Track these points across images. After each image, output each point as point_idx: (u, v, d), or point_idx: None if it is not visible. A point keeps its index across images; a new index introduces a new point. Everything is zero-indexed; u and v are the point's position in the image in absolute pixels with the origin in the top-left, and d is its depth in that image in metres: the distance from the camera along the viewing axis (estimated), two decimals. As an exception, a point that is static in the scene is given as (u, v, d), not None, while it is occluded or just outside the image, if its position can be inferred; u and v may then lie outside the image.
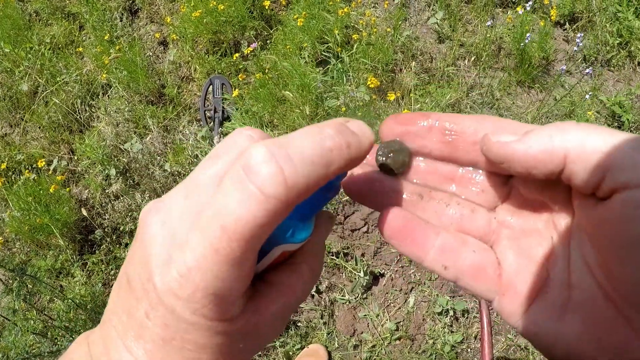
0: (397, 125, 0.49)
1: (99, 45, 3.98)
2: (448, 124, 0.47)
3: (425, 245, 0.46)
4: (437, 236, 0.46)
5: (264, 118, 3.42)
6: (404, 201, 0.49)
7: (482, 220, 0.48)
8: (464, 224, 0.48)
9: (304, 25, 3.46)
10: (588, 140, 0.39)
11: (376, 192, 0.49)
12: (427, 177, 0.50)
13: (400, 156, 0.49)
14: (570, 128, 0.40)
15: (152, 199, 2.47)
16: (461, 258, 0.46)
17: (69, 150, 3.78)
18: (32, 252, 3.44)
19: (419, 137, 0.49)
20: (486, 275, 0.45)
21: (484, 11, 4.10)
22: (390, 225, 0.46)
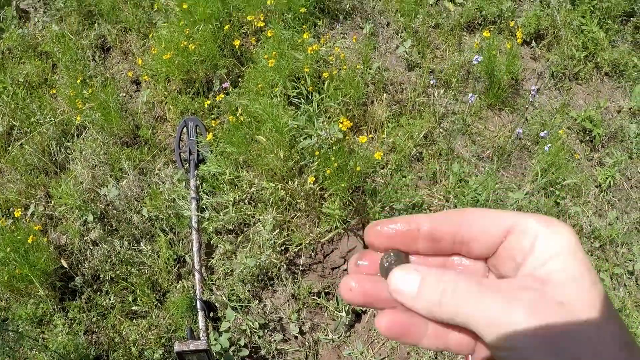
0: (382, 237, 0.59)
1: (72, 88, 3.96)
2: (428, 230, 0.57)
3: (417, 336, 0.56)
4: (427, 327, 0.56)
5: (239, 160, 3.44)
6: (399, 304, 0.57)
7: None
8: None
9: (275, 64, 3.47)
10: (455, 316, 0.51)
11: (378, 300, 0.58)
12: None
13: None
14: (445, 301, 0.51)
15: (131, 245, 2.51)
16: (448, 339, 0.56)
17: (46, 193, 3.77)
18: (11, 300, 3.43)
19: (409, 244, 0.58)
20: (467, 346, 0.57)
21: (451, 35, 4.14)
22: (387, 326, 0.56)
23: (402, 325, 0.56)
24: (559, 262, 0.50)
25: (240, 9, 4.08)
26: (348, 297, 0.58)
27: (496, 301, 0.48)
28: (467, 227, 0.55)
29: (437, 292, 0.52)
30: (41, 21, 4.66)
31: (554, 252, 0.50)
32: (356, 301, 0.58)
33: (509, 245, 0.54)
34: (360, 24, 4.19)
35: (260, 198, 3.35)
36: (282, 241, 3.27)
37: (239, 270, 3.18)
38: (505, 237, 0.54)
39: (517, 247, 0.53)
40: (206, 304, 3.16)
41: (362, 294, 0.57)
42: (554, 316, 0.46)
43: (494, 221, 0.55)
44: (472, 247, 0.56)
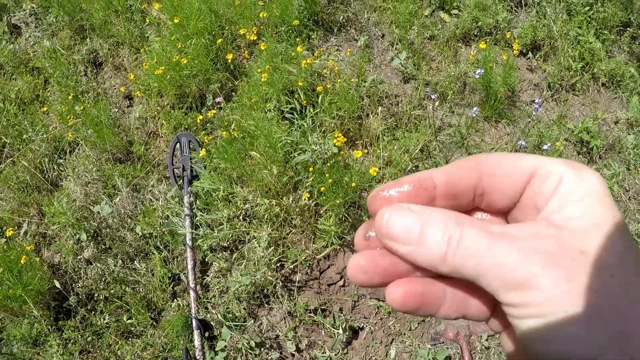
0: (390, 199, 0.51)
1: (64, 104, 3.93)
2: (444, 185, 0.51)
3: (435, 306, 0.51)
4: (445, 295, 0.51)
5: (233, 176, 3.40)
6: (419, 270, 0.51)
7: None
8: None
9: (268, 78, 3.44)
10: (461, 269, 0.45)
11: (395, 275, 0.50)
12: None
13: None
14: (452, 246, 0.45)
15: (125, 263, 2.47)
16: (467, 306, 0.52)
17: (39, 211, 3.73)
18: (6, 320, 3.38)
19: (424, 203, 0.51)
20: (485, 313, 0.53)
21: (447, 47, 4.11)
22: (402, 299, 0.49)
23: (420, 296, 0.50)
24: (582, 207, 0.45)
25: (233, 21, 4.05)
26: (361, 280, 0.50)
27: (509, 252, 0.43)
28: (488, 176, 0.50)
29: (442, 242, 0.45)
30: (33, 36, 4.63)
31: (577, 197, 0.45)
32: (372, 283, 0.50)
33: (532, 190, 0.49)
34: (355, 35, 4.16)
35: (254, 214, 3.31)
36: (278, 258, 3.23)
37: (234, 288, 3.14)
38: (529, 183, 0.49)
39: (539, 192, 0.48)
40: (202, 322, 3.12)
41: (379, 273, 0.50)
42: (576, 267, 0.42)
43: (516, 165, 0.50)
44: (494, 199, 0.51)
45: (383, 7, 4.30)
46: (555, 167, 0.47)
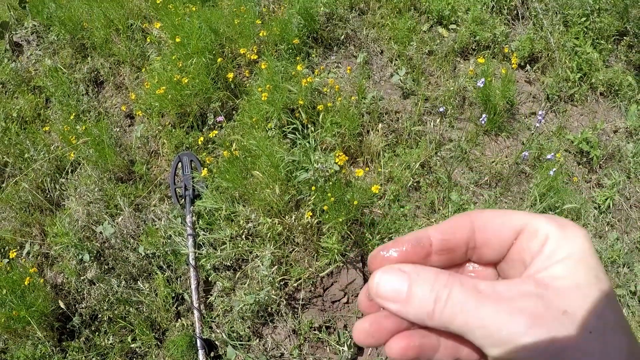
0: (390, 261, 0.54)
1: (65, 124, 3.95)
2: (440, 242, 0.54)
3: (430, 354, 0.52)
4: (439, 342, 0.52)
5: (235, 195, 3.41)
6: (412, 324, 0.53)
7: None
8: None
9: (269, 97, 3.46)
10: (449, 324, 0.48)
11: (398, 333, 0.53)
12: None
13: None
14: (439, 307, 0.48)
15: (128, 284, 2.48)
16: (459, 351, 0.53)
17: (41, 231, 3.74)
18: (9, 341, 3.39)
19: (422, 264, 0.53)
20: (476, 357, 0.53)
21: (445, 62, 4.13)
22: (401, 352, 0.51)
23: (418, 348, 0.52)
24: (566, 267, 0.48)
25: (233, 40, 4.07)
26: (368, 343, 0.53)
27: (496, 310, 0.46)
28: (480, 232, 0.54)
29: (430, 299, 0.49)
30: (34, 55, 4.65)
31: (561, 256, 0.48)
32: (379, 344, 0.53)
33: (519, 246, 0.52)
34: (354, 52, 4.18)
35: (257, 233, 3.32)
36: (281, 276, 3.24)
37: (238, 307, 3.15)
38: (516, 239, 0.52)
39: (526, 249, 0.51)
40: (206, 342, 3.12)
41: (385, 335, 0.53)
42: (558, 327, 0.44)
43: (505, 222, 0.53)
44: (484, 252, 0.54)
45: (381, 23, 4.32)
46: (542, 225, 0.50)
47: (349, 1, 4.39)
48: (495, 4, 4.41)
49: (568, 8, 4.37)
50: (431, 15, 4.33)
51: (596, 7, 4.31)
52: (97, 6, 4.54)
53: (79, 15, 4.59)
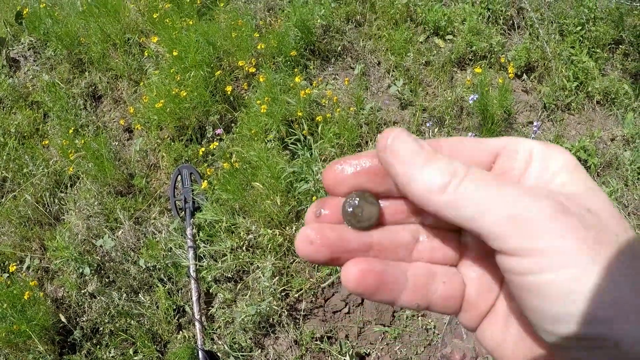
0: (345, 176, 0.48)
1: (64, 138, 3.95)
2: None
3: (395, 289, 0.47)
4: (406, 279, 0.47)
5: (235, 207, 3.42)
6: (374, 251, 0.48)
7: (452, 247, 0.50)
8: (434, 255, 0.50)
9: (268, 109, 3.47)
10: (460, 209, 0.41)
11: (345, 251, 0.47)
12: (394, 216, 0.50)
13: (369, 209, 0.48)
14: (452, 187, 0.41)
15: (129, 296, 2.47)
16: (431, 292, 0.48)
17: (41, 246, 3.73)
18: (10, 356, 3.37)
19: (378, 183, 0.48)
20: (454, 300, 0.49)
21: (442, 72, 4.16)
22: (357, 277, 0.45)
23: (379, 275, 0.46)
24: (568, 175, 0.44)
25: (231, 53, 4.09)
26: (308, 252, 0.46)
27: (519, 193, 0.40)
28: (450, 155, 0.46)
29: (446, 171, 0.42)
30: (31, 70, 4.66)
31: (557, 168, 0.44)
32: (319, 257, 0.46)
33: (499, 168, 0.47)
34: (351, 64, 4.21)
35: (258, 245, 3.33)
36: (282, 287, 3.24)
37: (240, 319, 3.15)
38: (494, 162, 0.47)
39: (509, 169, 0.46)
40: (208, 354, 3.12)
41: (326, 246, 0.46)
42: (585, 220, 0.39)
43: (479, 146, 0.48)
44: None
45: (378, 35, 4.35)
46: (522, 143, 0.46)
47: (345, 13, 4.42)
48: (491, 14, 4.45)
49: (564, 17, 4.41)
50: (427, 26, 4.36)
51: (592, 16, 4.35)
52: (93, 21, 4.56)
53: (75, 31, 4.61)
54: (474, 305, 0.49)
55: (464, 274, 0.50)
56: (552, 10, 4.50)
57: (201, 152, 3.74)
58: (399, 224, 0.50)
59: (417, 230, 0.50)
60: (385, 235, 0.49)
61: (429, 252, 0.50)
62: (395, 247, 0.49)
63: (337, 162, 0.48)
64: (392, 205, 0.49)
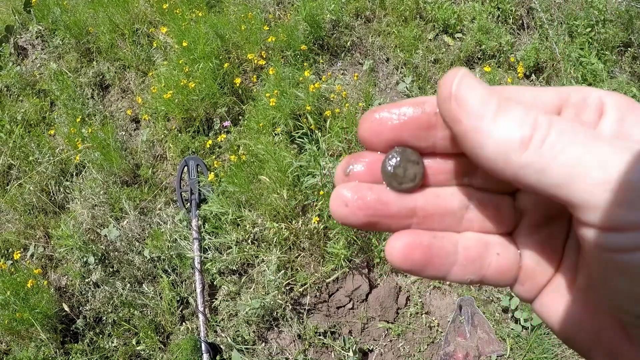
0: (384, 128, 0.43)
1: (71, 127, 3.95)
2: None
3: (445, 263, 0.43)
4: (456, 252, 0.43)
5: (241, 199, 3.41)
6: (418, 218, 0.44)
7: (505, 214, 0.45)
8: (486, 224, 0.45)
9: (276, 103, 3.47)
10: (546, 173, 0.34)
11: (384, 215, 0.43)
12: (438, 177, 0.45)
13: (413, 169, 0.43)
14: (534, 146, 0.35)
15: (133, 287, 2.47)
16: (485, 265, 0.44)
17: (45, 233, 3.73)
18: (12, 343, 3.37)
19: (422, 137, 0.43)
20: (509, 273, 0.44)
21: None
22: (404, 253, 0.41)
23: (427, 249, 0.42)
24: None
25: (240, 46, 4.09)
26: (343, 214, 0.42)
27: (613, 150, 0.33)
28: None
29: (526, 123, 0.36)
30: (39, 58, 4.65)
31: (635, 119, 0.38)
32: (355, 220, 0.42)
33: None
34: (360, 59, 4.20)
35: (263, 238, 3.32)
36: (287, 281, 3.24)
37: (244, 312, 3.14)
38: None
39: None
40: (211, 345, 3.12)
41: (363, 209, 0.42)
42: None
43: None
44: None
45: (387, 31, 4.35)
46: (591, 92, 0.40)
47: (355, 9, 4.42)
48: (500, 13, 4.44)
49: (573, 19, 4.40)
50: (437, 23, 4.35)
51: (601, 18, 4.34)
52: (102, 11, 4.55)
53: (84, 20, 4.60)
54: (530, 277, 0.44)
55: (520, 244, 0.45)
56: (562, 11, 4.49)
57: (208, 145, 3.73)
58: (443, 185, 0.45)
59: (466, 194, 0.45)
60: (431, 200, 0.44)
61: (480, 220, 0.45)
62: (442, 214, 0.44)
63: (375, 110, 0.43)
64: (437, 164, 0.44)
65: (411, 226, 0.44)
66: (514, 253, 0.44)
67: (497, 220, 0.45)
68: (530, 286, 0.44)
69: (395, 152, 0.43)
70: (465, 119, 0.37)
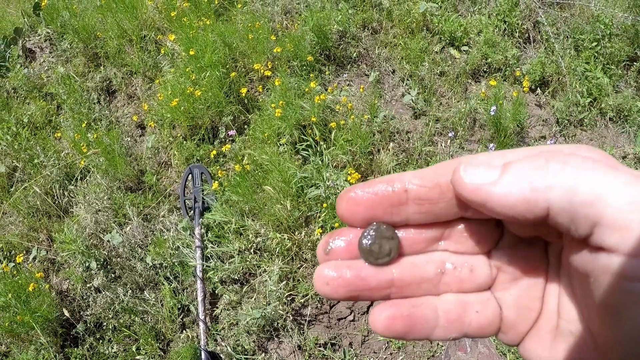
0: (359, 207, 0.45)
1: (77, 132, 3.97)
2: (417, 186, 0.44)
3: (427, 328, 0.45)
4: (437, 316, 0.45)
5: (245, 209, 3.42)
6: (396, 287, 0.46)
7: (482, 275, 0.47)
8: (463, 285, 0.46)
9: (282, 113, 3.48)
10: (574, 192, 0.35)
11: (364, 289, 0.45)
12: (413, 247, 0.46)
13: (388, 244, 0.45)
14: (555, 170, 0.37)
15: (134, 293, 2.46)
16: (466, 323, 0.46)
17: (48, 237, 3.75)
18: (12, 346, 3.38)
19: (394, 213, 0.45)
20: (490, 326, 0.46)
21: (457, 83, 4.15)
22: (387, 324, 0.44)
23: (407, 319, 0.44)
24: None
25: (247, 55, 4.10)
26: (326, 291, 0.45)
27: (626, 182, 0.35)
28: None
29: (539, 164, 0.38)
30: (47, 61, 4.68)
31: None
32: (337, 296, 0.45)
33: None
34: (366, 71, 4.21)
35: (266, 248, 3.33)
36: (288, 292, 3.25)
37: (244, 321, 3.15)
38: None
39: None
40: (211, 354, 3.12)
41: (343, 285, 0.45)
42: None
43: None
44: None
45: (394, 43, 4.36)
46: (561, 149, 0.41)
47: (362, 20, 4.43)
48: (507, 27, 4.44)
49: (579, 33, 4.41)
50: (443, 36, 4.36)
51: (607, 32, 4.34)
52: (111, 16, 4.57)
53: (92, 25, 4.62)
54: (512, 327, 0.46)
55: (499, 298, 0.47)
56: (568, 25, 4.49)
57: (213, 154, 3.74)
58: (419, 253, 0.47)
59: (441, 259, 0.47)
60: (407, 270, 0.46)
61: (457, 281, 0.46)
62: (419, 282, 0.46)
63: (350, 190, 0.45)
64: (412, 235, 0.46)
65: (390, 295, 0.46)
66: (494, 307, 0.46)
67: (474, 279, 0.46)
68: (513, 335, 0.46)
69: (371, 229, 0.45)
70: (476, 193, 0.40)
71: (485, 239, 0.46)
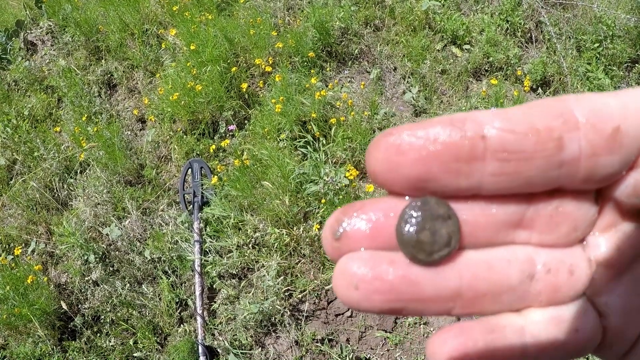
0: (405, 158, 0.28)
1: (77, 125, 3.97)
2: (502, 131, 0.28)
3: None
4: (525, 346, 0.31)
5: (243, 204, 3.42)
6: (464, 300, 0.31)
7: (582, 277, 0.32)
8: (559, 296, 0.32)
9: (282, 109, 3.48)
10: None
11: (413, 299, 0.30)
12: (478, 234, 0.31)
13: (445, 228, 0.29)
14: None
15: (132, 287, 2.47)
16: (560, 349, 0.31)
17: (47, 230, 3.74)
18: (10, 338, 3.38)
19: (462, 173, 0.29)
20: (589, 342, 0.32)
21: (458, 81, 4.15)
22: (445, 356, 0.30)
23: (485, 354, 0.30)
24: None
25: (248, 50, 4.10)
26: (353, 298, 0.29)
27: None
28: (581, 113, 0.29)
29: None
30: (48, 54, 4.67)
31: None
32: (371, 305, 0.29)
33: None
34: (367, 68, 4.20)
35: (264, 243, 3.33)
36: (286, 287, 3.24)
37: (242, 316, 3.15)
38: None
39: None
40: (208, 349, 3.12)
41: (383, 291, 0.29)
42: None
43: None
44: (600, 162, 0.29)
45: (395, 40, 4.35)
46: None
47: (364, 17, 4.42)
48: (509, 26, 4.44)
49: (582, 33, 4.40)
50: (445, 34, 4.35)
51: (610, 33, 4.33)
52: (113, 10, 4.57)
53: (94, 18, 4.62)
54: (619, 337, 0.33)
55: (599, 303, 0.33)
56: (571, 25, 4.49)
57: (212, 149, 3.74)
58: (484, 246, 0.32)
59: (527, 256, 0.32)
60: (480, 274, 0.31)
61: (550, 290, 0.32)
62: (498, 292, 0.31)
63: (391, 133, 0.29)
64: (477, 214, 0.30)
65: (452, 311, 0.31)
66: (593, 318, 0.33)
67: (572, 285, 0.32)
68: (619, 347, 0.33)
69: (413, 206, 0.29)
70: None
71: (582, 220, 0.31)
